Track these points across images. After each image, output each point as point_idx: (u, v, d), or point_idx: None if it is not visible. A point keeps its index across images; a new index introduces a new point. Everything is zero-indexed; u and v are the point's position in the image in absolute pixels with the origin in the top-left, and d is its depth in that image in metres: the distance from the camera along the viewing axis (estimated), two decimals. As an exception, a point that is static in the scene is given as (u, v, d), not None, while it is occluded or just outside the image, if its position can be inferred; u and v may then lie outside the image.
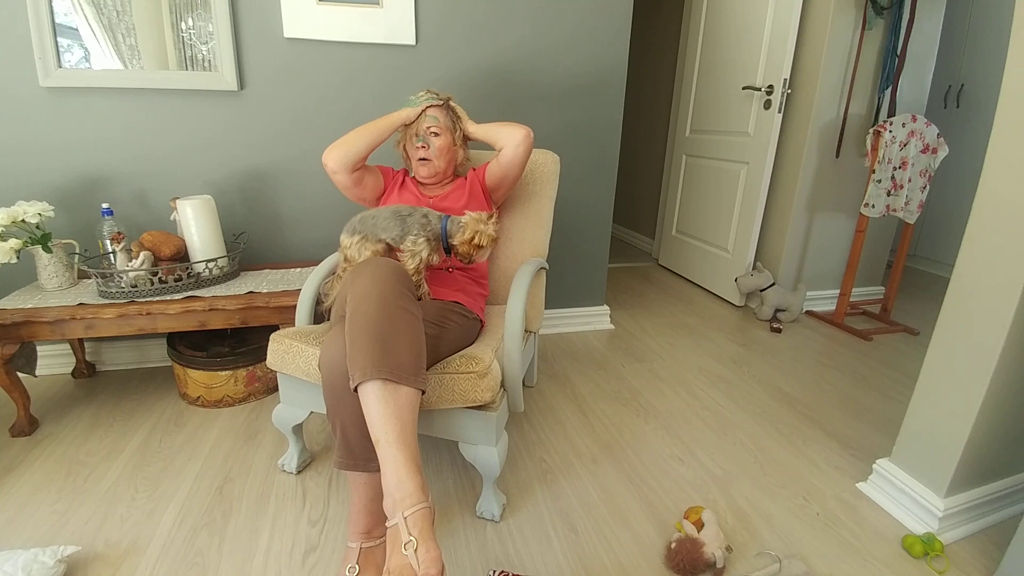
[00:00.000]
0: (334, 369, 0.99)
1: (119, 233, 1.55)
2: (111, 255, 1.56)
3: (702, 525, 1.16)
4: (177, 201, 1.59)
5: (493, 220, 1.24)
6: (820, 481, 1.40)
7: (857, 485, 1.39)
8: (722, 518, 1.25)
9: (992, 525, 1.25)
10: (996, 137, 1.09)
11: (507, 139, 1.40)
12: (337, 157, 1.35)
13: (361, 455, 1.00)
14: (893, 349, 2.23)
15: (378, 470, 0.94)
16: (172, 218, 1.64)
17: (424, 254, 1.21)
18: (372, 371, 0.90)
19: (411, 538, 0.80)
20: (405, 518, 0.82)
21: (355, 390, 0.92)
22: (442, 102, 1.46)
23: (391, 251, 1.27)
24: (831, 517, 1.28)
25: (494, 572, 0.94)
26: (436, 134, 1.43)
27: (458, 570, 1.09)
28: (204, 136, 1.76)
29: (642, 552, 1.15)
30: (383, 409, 0.89)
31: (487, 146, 1.51)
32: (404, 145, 1.50)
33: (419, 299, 1.21)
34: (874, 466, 1.37)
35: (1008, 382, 1.12)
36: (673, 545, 1.11)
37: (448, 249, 1.26)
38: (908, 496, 1.28)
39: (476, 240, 1.21)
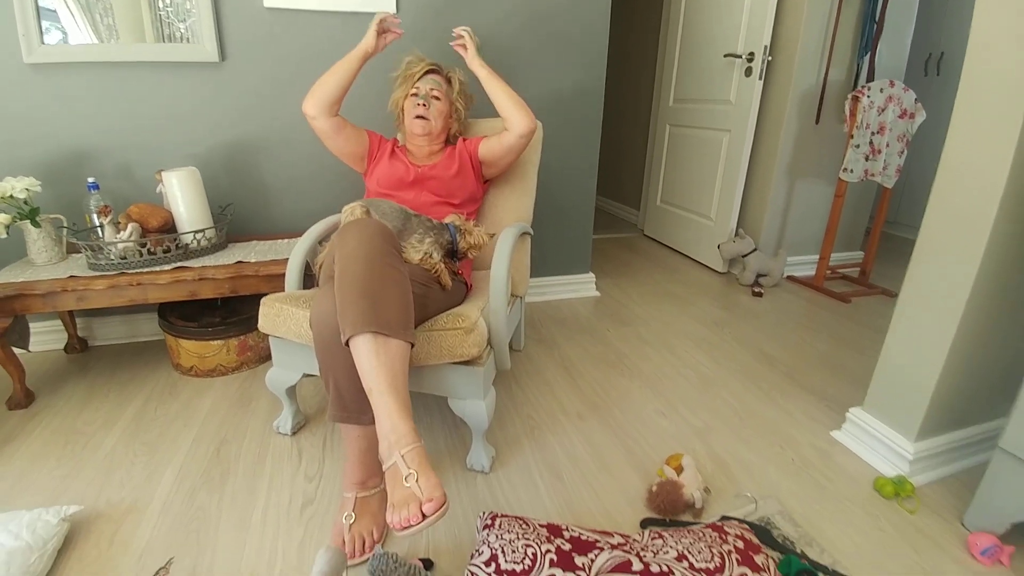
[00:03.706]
0: (325, 326, 1.02)
1: (106, 206, 1.55)
2: (99, 228, 1.57)
3: (682, 470, 1.22)
4: (162, 173, 1.59)
5: (479, 227, 1.32)
6: (796, 431, 1.46)
7: (831, 433, 1.45)
8: (702, 465, 1.31)
9: (964, 470, 1.31)
10: (961, 98, 1.13)
11: (515, 123, 1.42)
12: (314, 102, 1.39)
13: (354, 408, 1.04)
14: (870, 310, 2.29)
15: (371, 423, 0.99)
16: (158, 190, 1.65)
17: (435, 257, 1.23)
18: (362, 325, 0.93)
19: (411, 471, 0.85)
20: (402, 456, 0.86)
21: (346, 344, 0.96)
22: (442, 69, 1.49)
23: None
24: (806, 462, 1.34)
25: (484, 514, 0.99)
26: (437, 98, 1.46)
27: (450, 518, 1.14)
28: (187, 108, 1.75)
29: (625, 497, 1.21)
30: (374, 361, 0.93)
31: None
32: (402, 106, 1.50)
33: (442, 287, 1.25)
34: (847, 414, 1.44)
35: (973, 331, 1.18)
36: (654, 488, 1.17)
37: (454, 254, 1.31)
38: (880, 441, 1.34)
39: (477, 242, 1.29)
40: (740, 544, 0.94)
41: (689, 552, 0.90)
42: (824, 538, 1.11)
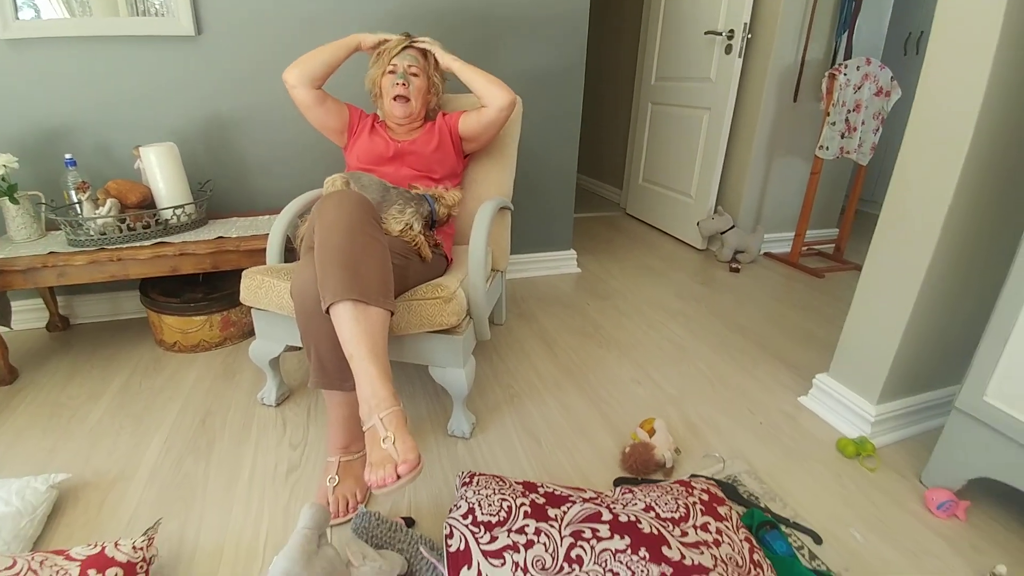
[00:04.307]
0: (306, 295, 1.04)
1: (84, 182, 1.55)
2: (77, 205, 1.56)
3: (654, 433, 1.27)
4: (140, 149, 1.58)
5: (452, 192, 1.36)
6: (766, 396, 1.53)
7: (799, 399, 1.52)
8: (674, 428, 1.37)
9: (924, 432, 1.38)
10: (925, 72, 1.16)
11: (493, 99, 1.42)
12: (297, 73, 1.40)
13: (335, 374, 1.07)
14: (843, 285, 2.36)
15: (352, 389, 1.02)
16: (136, 167, 1.64)
17: (416, 228, 1.25)
18: (342, 292, 0.96)
19: (388, 433, 0.88)
20: (381, 419, 0.90)
21: (327, 312, 0.98)
22: (414, 42, 1.47)
23: None
24: (773, 425, 1.41)
25: (462, 473, 1.03)
26: (415, 74, 1.45)
27: (432, 480, 1.19)
28: (163, 84, 1.73)
29: (600, 459, 1.26)
30: (354, 327, 0.96)
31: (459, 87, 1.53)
32: (380, 84, 1.49)
33: (422, 259, 1.28)
34: (814, 380, 1.50)
35: (931, 300, 1.24)
36: (627, 450, 1.22)
37: (433, 224, 1.33)
38: (843, 405, 1.41)
39: (452, 202, 1.33)
40: (705, 497, 0.99)
41: (656, 504, 0.95)
42: (787, 494, 1.17)
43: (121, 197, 1.54)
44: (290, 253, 1.44)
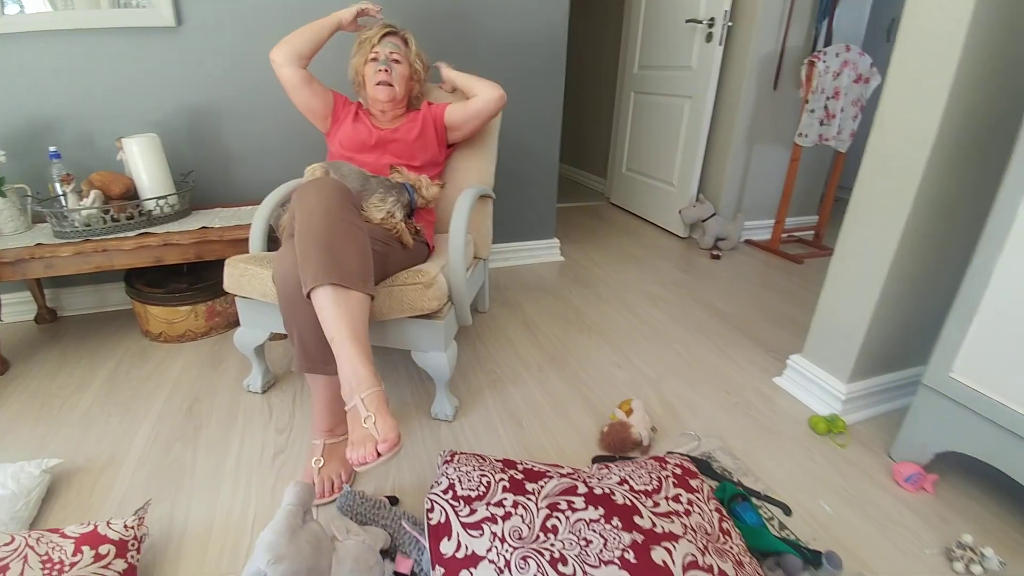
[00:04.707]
0: (287, 280, 1.06)
1: (68, 174, 1.55)
2: (62, 197, 1.57)
3: (632, 413, 1.31)
4: (122, 141, 1.59)
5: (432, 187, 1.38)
6: (741, 377, 1.57)
7: (774, 379, 1.57)
8: (652, 409, 1.41)
9: (894, 410, 1.43)
10: (896, 55, 1.19)
11: (483, 91, 1.50)
12: (284, 51, 1.44)
13: (318, 358, 1.10)
14: (821, 270, 2.41)
15: (335, 373, 1.04)
16: (119, 158, 1.65)
17: (397, 216, 1.28)
18: (323, 277, 0.98)
19: (369, 413, 0.92)
20: (362, 399, 0.93)
21: (308, 297, 1.01)
22: (398, 30, 1.50)
23: None
24: (748, 405, 1.45)
25: (444, 452, 1.06)
26: (398, 61, 1.47)
27: (415, 461, 1.22)
28: (145, 75, 1.73)
29: (580, 439, 1.30)
30: (335, 311, 0.98)
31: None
32: (362, 72, 1.50)
33: (404, 246, 1.31)
34: (788, 361, 1.55)
35: (901, 281, 1.28)
36: (605, 429, 1.26)
37: (413, 213, 1.36)
38: (816, 384, 1.46)
39: (430, 195, 1.36)
40: (678, 471, 1.04)
41: (630, 477, 0.99)
42: (760, 469, 1.22)
43: (105, 188, 1.55)
44: (273, 243, 1.46)
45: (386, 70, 1.44)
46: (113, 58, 1.69)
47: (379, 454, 0.89)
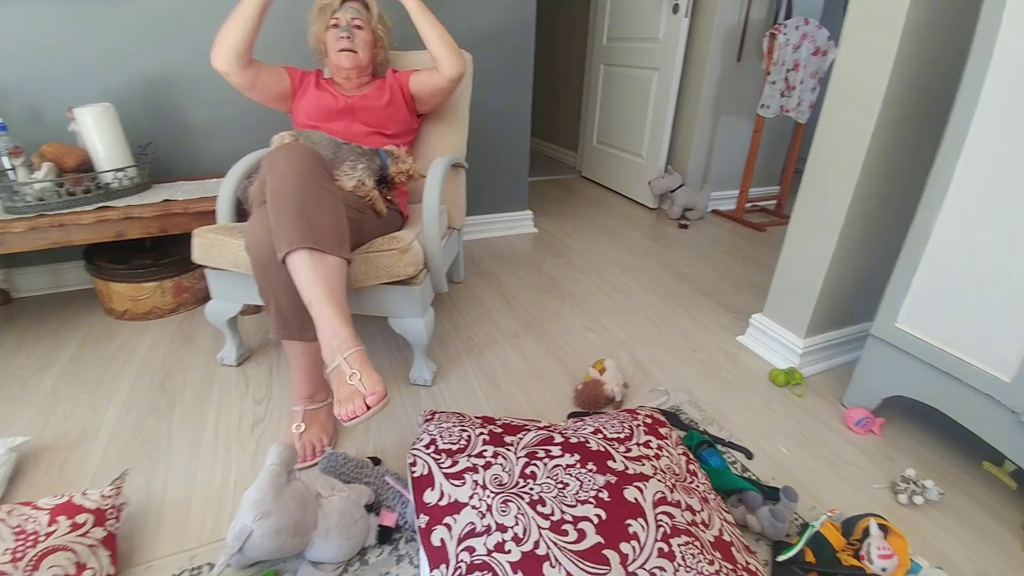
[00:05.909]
0: (261, 247, 1.05)
1: (16, 147, 1.48)
2: (11, 171, 1.49)
3: (605, 371, 1.35)
4: (74, 110, 1.52)
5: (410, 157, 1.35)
6: (707, 337, 1.64)
7: (737, 338, 1.64)
8: (623, 368, 1.46)
9: (847, 362, 1.52)
10: (846, 31, 1.24)
11: (446, 65, 1.40)
12: (222, 56, 1.30)
13: (295, 324, 1.09)
14: (783, 237, 2.49)
15: (313, 339, 1.04)
16: (70, 129, 1.57)
17: (368, 184, 1.26)
18: (298, 241, 0.98)
19: (354, 371, 0.93)
20: (345, 358, 0.94)
21: (283, 262, 1.00)
22: None
23: None
24: (713, 362, 1.52)
25: (424, 411, 1.08)
26: (360, 27, 1.43)
27: (395, 424, 1.24)
28: (91, 42, 1.64)
29: (556, 398, 1.35)
30: (311, 274, 0.98)
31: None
32: (324, 40, 1.46)
33: (377, 214, 1.29)
34: (750, 320, 1.62)
35: (851, 241, 1.35)
36: (580, 387, 1.30)
37: (384, 180, 1.33)
38: (775, 340, 1.53)
39: (408, 170, 1.32)
40: (649, 421, 1.09)
41: (604, 427, 1.03)
42: (724, 419, 1.29)
43: (58, 161, 1.48)
44: (241, 216, 1.43)
45: (348, 36, 1.41)
46: (56, 25, 1.60)
47: (368, 407, 0.90)
